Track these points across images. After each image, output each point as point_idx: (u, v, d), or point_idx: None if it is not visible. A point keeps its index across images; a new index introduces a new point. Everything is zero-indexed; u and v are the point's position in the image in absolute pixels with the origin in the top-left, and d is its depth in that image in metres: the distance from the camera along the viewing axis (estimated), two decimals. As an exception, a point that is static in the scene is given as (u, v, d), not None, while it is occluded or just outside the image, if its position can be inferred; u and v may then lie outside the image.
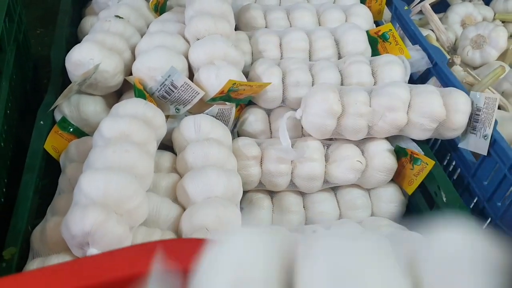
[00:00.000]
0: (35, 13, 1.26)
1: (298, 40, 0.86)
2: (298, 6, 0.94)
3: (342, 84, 0.81)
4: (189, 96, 0.73)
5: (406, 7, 1.04)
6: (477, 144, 0.74)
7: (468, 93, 0.77)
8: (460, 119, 0.74)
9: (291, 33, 0.87)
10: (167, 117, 0.77)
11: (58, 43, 0.87)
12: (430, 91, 0.74)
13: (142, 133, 0.64)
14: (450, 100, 0.74)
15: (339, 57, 0.88)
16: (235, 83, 0.71)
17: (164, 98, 0.74)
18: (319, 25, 0.94)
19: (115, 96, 0.81)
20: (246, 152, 0.73)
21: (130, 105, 0.68)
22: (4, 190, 0.68)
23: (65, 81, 0.80)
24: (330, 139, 0.77)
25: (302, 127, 0.77)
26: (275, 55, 0.86)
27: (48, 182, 0.73)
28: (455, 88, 0.78)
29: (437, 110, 0.73)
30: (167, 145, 0.76)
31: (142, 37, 0.83)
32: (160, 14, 0.91)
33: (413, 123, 0.74)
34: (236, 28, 0.88)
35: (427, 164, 0.73)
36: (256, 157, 0.73)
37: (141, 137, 0.64)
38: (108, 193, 0.55)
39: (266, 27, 0.93)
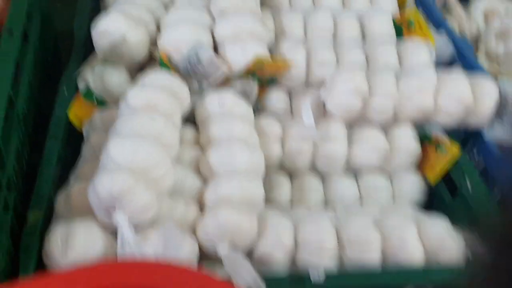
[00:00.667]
0: (54, -13, 1.25)
1: (323, 20, 0.85)
2: (323, -13, 0.93)
3: (367, 65, 0.80)
4: (213, 71, 0.73)
5: (431, -7, 1.03)
6: (504, 133, 0.74)
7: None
8: (487, 105, 0.73)
9: (316, 13, 0.86)
10: (190, 91, 0.77)
11: (81, 13, 0.86)
12: (458, 75, 0.73)
13: (169, 104, 0.64)
14: (477, 86, 0.74)
15: (364, 40, 0.87)
16: (260, 60, 0.70)
17: (188, 72, 0.73)
18: (344, 6, 0.93)
19: (138, 69, 0.80)
20: (267, 130, 0.72)
21: (157, 76, 0.67)
22: (27, 155, 0.68)
23: (87, 52, 0.80)
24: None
25: (324, 110, 0.77)
26: (299, 34, 0.85)
27: (70, 153, 0.72)
28: (482, 75, 0.77)
29: (465, 94, 0.72)
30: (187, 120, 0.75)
31: (167, 10, 0.82)
32: (185, -11, 0.90)
33: (439, 107, 0.73)
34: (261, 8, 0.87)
35: (453, 152, 0.72)
36: (278, 135, 0.73)
37: (167, 107, 0.63)
38: (136, 159, 0.54)
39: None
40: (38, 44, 0.78)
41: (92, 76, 0.74)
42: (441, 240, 0.59)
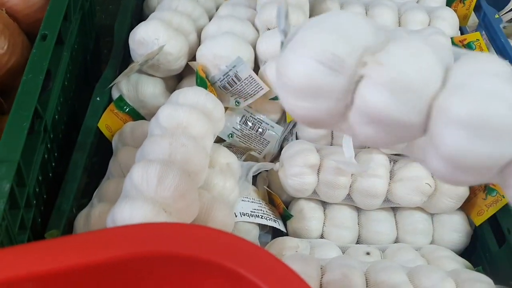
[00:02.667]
0: (101, -21, 1.23)
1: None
2: (379, 3, 0.87)
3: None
4: (252, 90, 0.69)
5: (497, 16, 0.95)
6: None
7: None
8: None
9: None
10: (225, 109, 0.73)
11: (123, 15, 0.83)
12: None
13: (201, 126, 0.60)
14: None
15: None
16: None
17: (225, 89, 0.70)
18: (399, 25, 0.87)
19: (175, 79, 0.77)
20: (303, 159, 0.68)
21: (191, 94, 0.64)
22: (54, 164, 0.66)
23: (126, 55, 0.77)
24: (398, 155, 0.71)
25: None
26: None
27: (98, 160, 0.70)
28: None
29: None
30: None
31: (209, 19, 0.79)
32: (231, -4, 0.86)
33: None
34: (309, 20, 0.82)
35: (503, 197, 0.66)
36: (314, 165, 0.68)
37: (199, 130, 0.60)
38: (161, 189, 0.51)
39: (340, 22, 0.87)
40: (75, 45, 0.76)
41: (127, 85, 0.72)
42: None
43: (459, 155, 0.29)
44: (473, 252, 0.73)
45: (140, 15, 0.89)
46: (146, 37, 0.68)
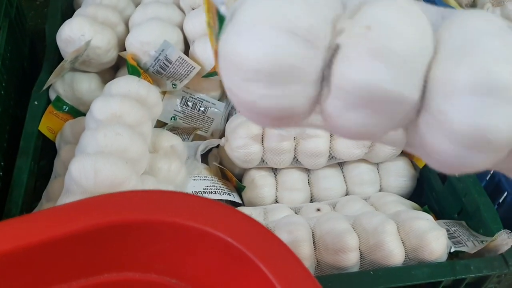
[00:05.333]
0: (34, -17, 1.22)
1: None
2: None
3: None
4: (185, 71, 0.70)
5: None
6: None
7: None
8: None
9: None
10: (164, 93, 0.74)
11: (53, 16, 0.83)
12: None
13: (135, 113, 0.61)
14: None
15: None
16: (232, 57, 0.67)
17: (159, 74, 0.71)
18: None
19: (111, 71, 0.78)
20: (245, 130, 0.70)
21: (122, 83, 0.65)
22: (1, 174, 0.67)
23: (61, 57, 0.78)
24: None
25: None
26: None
27: (46, 163, 0.71)
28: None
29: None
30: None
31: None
32: (156, -19, 0.86)
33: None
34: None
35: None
36: (257, 135, 0.70)
37: (134, 117, 0.61)
38: (99, 180, 0.53)
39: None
40: (7, 53, 0.76)
41: (62, 85, 0.72)
42: (422, 237, 0.56)
43: (472, 130, 0.24)
44: (422, 193, 0.76)
45: (72, 13, 0.89)
46: (71, 35, 0.68)
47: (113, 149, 0.56)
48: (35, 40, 0.99)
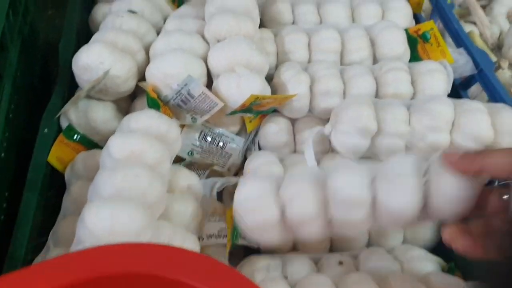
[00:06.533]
0: (46, -9, 1.17)
1: (330, 40, 0.78)
2: (330, 0, 0.85)
3: (377, 93, 0.73)
4: (207, 107, 0.66)
5: (449, 0, 0.94)
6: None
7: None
8: (508, 143, 0.66)
9: (321, 31, 0.78)
10: (182, 126, 0.71)
11: (67, 35, 0.79)
12: (477, 109, 0.66)
13: (155, 152, 0.58)
14: (498, 120, 0.66)
15: (375, 59, 0.80)
16: (258, 97, 0.63)
17: (180, 107, 0.67)
18: (353, 20, 0.85)
19: (128, 99, 0.74)
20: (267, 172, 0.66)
21: (143, 118, 0.61)
22: (5, 205, 0.63)
23: (74, 81, 0.74)
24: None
25: (330, 145, 0.70)
26: (302, 56, 0.78)
27: (53, 194, 0.67)
28: (504, 105, 0.69)
29: (485, 132, 0.64)
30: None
31: (157, 33, 0.76)
32: (178, 5, 0.83)
33: (456, 145, 0.66)
34: (261, 24, 0.80)
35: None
36: (278, 178, 0.66)
37: (153, 156, 0.57)
38: (114, 230, 0.49)
39: (293, 22, 0.85)
40: (17, 72, 0.72)
41: (76, 112, 0.69)
42: None
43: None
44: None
45: (87, 31, 0.85)
46: (90, 63, 0.65)
47: (131, 194, 0.52)
48: (47, 54, 0.95)
